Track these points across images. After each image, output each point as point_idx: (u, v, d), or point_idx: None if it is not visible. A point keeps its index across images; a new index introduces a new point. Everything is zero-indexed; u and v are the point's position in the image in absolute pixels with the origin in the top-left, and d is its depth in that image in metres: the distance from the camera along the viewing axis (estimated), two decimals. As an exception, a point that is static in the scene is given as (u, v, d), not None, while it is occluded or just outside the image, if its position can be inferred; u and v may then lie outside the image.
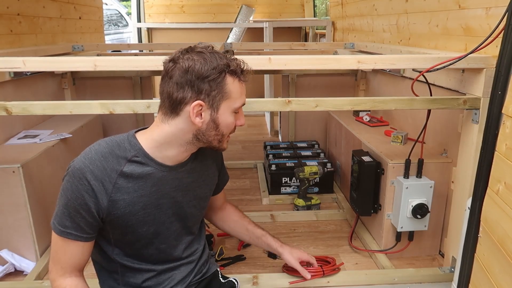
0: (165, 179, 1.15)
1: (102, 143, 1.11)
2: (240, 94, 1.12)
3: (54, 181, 1.96)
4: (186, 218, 1.24)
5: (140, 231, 1.15)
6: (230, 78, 1.08)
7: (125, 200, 1.09)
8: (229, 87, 1.08)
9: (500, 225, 1.10)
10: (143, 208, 1.13)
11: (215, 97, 1.07)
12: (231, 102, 1.10)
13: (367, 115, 2.52)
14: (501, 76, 1.24)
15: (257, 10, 5.70)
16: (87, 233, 1.09)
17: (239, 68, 1.10)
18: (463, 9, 1.71)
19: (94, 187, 1.05)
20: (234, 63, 1.09)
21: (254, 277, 1.64)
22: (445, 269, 1.69)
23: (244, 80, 1.12)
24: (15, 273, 1.75)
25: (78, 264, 1.13)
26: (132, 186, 1.10)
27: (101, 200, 1.06)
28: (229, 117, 1.12)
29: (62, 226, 1.07)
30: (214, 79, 1.05)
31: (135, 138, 1.12)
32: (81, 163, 1.06)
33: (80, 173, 1.04)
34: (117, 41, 7.03)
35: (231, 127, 1.16)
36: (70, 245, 1.09)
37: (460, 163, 1.62)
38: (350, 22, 3.62)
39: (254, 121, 4.55)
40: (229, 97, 1.09)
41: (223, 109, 1.10)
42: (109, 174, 1.07)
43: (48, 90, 2.55)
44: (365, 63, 1.50)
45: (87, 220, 1.07)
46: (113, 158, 1.08)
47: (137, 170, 1.10)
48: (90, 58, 1.48)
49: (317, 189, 2.54)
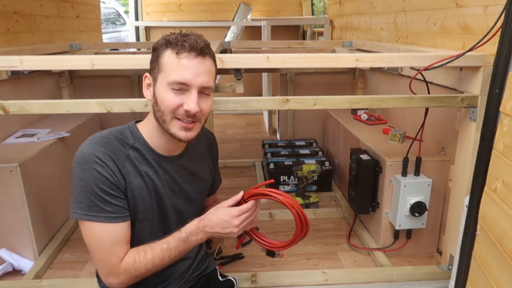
0: (163, 169, 1.16)
1: (104, 131, 1.12)
2: (175, 67, 1.05)
3: (52, 180, 1.96)
4: (182, 212, 1.24)
5: (147, 218, 1.15)
6: (169, 50, 1.06)
7: (135, 184, 1.10)
8: (165, 59, 1.06)
9: (498, 223, 1.10)
10: (149, 194, 1.13)
11: (154, 69, 1.09)
12: (165, 75, 1.06)
13: (365, 114, 2.52)
14: (499, 74, 1.24)
15: (255, 8, 5.69)
16: (124, 209, 1.07)
17: (179, 42, 1.06)
18: (461, 7, 1.72)
19: (107, 163, 1.04)
20: (179, 37, 1.07)
21: (253, 275, 1.64)
22: (443, 266, 1.69)
23: (181, 55, 1.05)
24: (13, 272, 1.75)
25: (127, 241, 1.10)
26: (138, 171, 1.10)
27: (117, 175, 1.06)
28: (165, 92, 1.06)
29: (101, 212, 1.04)
30: (156, 50, 1.08)
31: (135, 127, 1.15)
32: (88, 147, 1.05)
33: (90, 156, 1.03)
34: (115, 39, 7.00)
35: (169, 105, 1.06)
36: (118, 227, 1.06)
37: (458, 161, 1.62)
38: (348, 21, 3.61)
39: (252, 119, 4.55)
40: (163, 69, 1.06)
41: (159, 82, 1.08)
42: (118, 157, 1.07)
43: (46, 89, 2.54)
44: (363, 61, 1.49)
45: (115, 196, 1.05)
46: (118, 143, 1.10)
47: (138, 157, 1.11)
48: (88, 57, 1.48)
49: (316, 187, 2.54)
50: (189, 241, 1.13)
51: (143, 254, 1.09)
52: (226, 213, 1.13)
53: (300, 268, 1.81)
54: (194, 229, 1.13)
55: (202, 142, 1.31)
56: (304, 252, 1.92)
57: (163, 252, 1.10)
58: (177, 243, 1.12)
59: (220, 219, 1.12)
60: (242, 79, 1.71)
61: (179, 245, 1.12)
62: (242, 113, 4.72)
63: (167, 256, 1.11)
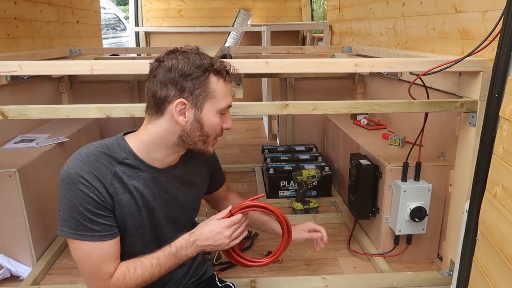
0: (156, 181, 1.14)
1: (90, 147, 1.09)
2: (225, 94, 1.09)
3: (51, 186, 1.95)
4: (177, 221, 1.23)
5: (137, 233, 1.14)
6: (214, 77, 1.07)
7: (123, 201, 1.08)
8: (213, 86, 1.07)
9: (498, 228, 1.09)
10: (139, 209, 1.12)
11: (199, 96, 1.06)
12: (216, 102, 1.08)
13: (364, 119, 2.52)
14: (498, 79, 1.24)
15: (255, 14, 5.72)
16: (112, 226, 1.07)
17: (224, 68, 1.09)
18: (459, 12, 1.72)
19: (93, 183, 1.03)
20: (219, 63, 1.09)
21: (252, 281, 1.63)
22: (444, 272, 1.69)
23: (229, 81, 1.11)
24: (11, 278, 1.74)
25: (117, 257, 1.10)
26: (126, 187, 1.08)
27: (104, 195, 1.05)
28: (214, 117, 1.10)
29: (88, 231, 1.03)
30: (197, 77, 1.05)
31: (124, 141, 1.11)
32: (74, 167, 1.03)
33: (75, 176, 1.02)
34: (115, 45, 7.01)
35: (216, 129, 1.12)
36: (106, 244, 1.06)
37: (458, 166, 1.62)
38: (347, 26, 3.63)
39: (252, 124, 4.55)
40: (213, 96, 1.07)
41: (207, 109, 1.08)
42: (104, 176, 1.05)
43: (45, 94, 2.54)
44: (363, 66, 1.50)
45: (102, 215, 1.05)
46: (105, 159, 1.07)
47: (128, 172, 1.09)
48: (87, 62, 1.48)
49: (315, 192, 2.53)
50: (179, 256, 1.14)
51: (133, 270, 1.09)
52: (217, 224, 1.15)
53: (300, 273, 1.79)
54: (185, 244, 1.14)
55: None
56: (303, 258, 1.91)
57: (153, 267, 1.10)
58: (167, 258, 1.12)
59: (211, 231, 1.14)
60: (241, 84, 1.71)
61: (169, 260, 1.13)
62: (242, 118, 4.72)
63: (157, 271, 1.11)
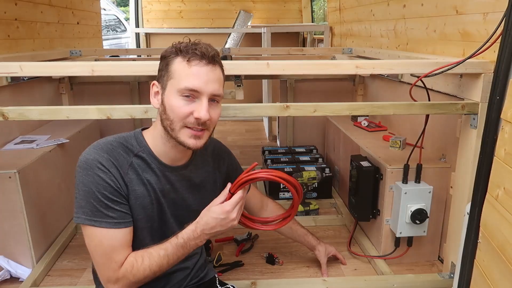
0: (166, 179, 1.15)
1: (109, 137, 1.12)
2: (185, 75, 1.05)
3: (51, 187, 1.95)
4: (184, 222, 1.23)
5: (146, 226, 1.14)
6: (179, 58, 1.06)
7: (137, 192, 1.10)
8: (175, 66, 1.06)
9: (500, 230, 1.09)
10: (151, 202, 1.13)
11: (163, 77, 1.09)
12: (176, 82, 1.06)
13: (365, 120, 2.52)
14: (499, 81, 1.24)
15: (255, 15, 5.72)
16: (127, 215, 1.08)
17: (190, 49, 1.06)
18: (460, 14, 1.72)
19: (110, 170, 1.05)
20: (190, 45, 1.07)
21: (253, 283, 1.63)
22: (445, 275, 1.68)
23: (194, 63, 1.05)
24: (11, 279, 1.73)
25: (128, 247, 1.10)
26: (141, 179, 1.10)
27: (120, 182, 1.06)
28: (174, 99, 1.06)
29: (103, 217, 1.04)
30: (165, 58, 1.08)
31: (141, 135, 1.15)
32: (92, 153, 1.06)
33: (93, 161, 1.04)
34: (115, 46, 7.03)
35: (178, 113, 1.06)
36: (119, 233, 1.07)
37: (459, 168, 1.61)
38: (348, 28, 3.63)
39: (252, 126, 4.55)
40: (173, 76, 1.06)
41: (168, 90, 1.07)
42: (121, 164, 1.07)
43: (46, 95, 2.54)
44: (363, 68, 1.49)
45: (118, 202, 1.06)
46: (122, 150, 1.10)
47: (142, 165, 1.11)
48: (88, 63, 1.48)
49: (316, 194, 2.53)
50: (188, 246, 1.13)
51: (141, 260, 1.08)
52: (220, 210, 1.12)
53: (300, 276, 1.79)
54: (192, 234, 1.13)
55: (206, 153, 1.30)
56: (304, 260, 1.90)
57: (161, 258, 1.10)
58: (174, 249, 1.11)
59: (216, 218, 1.12)
60: (242, 85, 1.71)
61: (177, 251, 1.12)
62: (242, 120, 4.72)
63: (165, 262, 1.11)
